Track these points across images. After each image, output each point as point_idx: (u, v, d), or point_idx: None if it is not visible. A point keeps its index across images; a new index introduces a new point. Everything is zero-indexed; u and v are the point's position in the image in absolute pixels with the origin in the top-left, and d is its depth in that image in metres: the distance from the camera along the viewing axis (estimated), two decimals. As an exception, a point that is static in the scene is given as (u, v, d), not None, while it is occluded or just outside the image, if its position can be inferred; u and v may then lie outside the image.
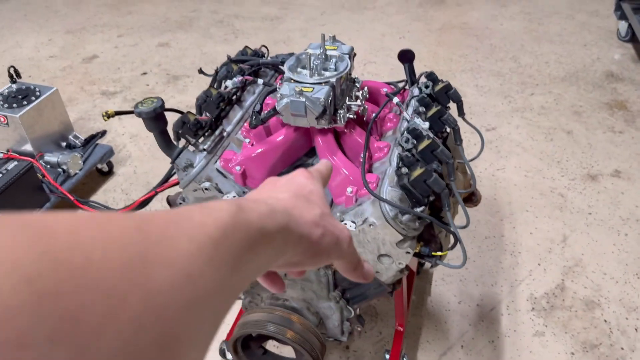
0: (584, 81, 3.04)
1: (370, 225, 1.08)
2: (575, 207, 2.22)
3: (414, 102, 1.27)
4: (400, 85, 1.42)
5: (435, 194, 1.07)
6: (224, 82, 1.38)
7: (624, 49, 3.34)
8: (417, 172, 1.04)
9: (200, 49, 3.54)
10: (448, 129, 1.26)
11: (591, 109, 2.81)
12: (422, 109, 1.23)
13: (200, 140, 1.24)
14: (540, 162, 2.46)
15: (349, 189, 1.13)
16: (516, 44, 3.45)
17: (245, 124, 1.31)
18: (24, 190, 2.05)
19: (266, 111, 1.20)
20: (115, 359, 0.23)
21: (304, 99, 1.11)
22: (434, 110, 1.22)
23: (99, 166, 2.46)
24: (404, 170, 1.06)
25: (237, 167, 1.20)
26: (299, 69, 1.22)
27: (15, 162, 2.06)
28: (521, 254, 2.03)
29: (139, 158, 2.61)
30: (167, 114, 1.28)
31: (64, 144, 2.41)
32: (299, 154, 1.30)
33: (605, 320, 1.77)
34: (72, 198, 2.06)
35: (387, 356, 1.56)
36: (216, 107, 1.30)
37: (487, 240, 2.08)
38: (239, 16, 3.96)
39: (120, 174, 2.52)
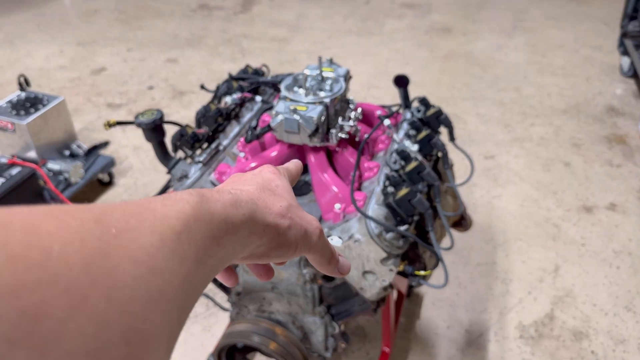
0: (584, 114, 3.07)
1: (355, 241, 1.11)
2: (568, 238, 2.23)
3: (405, 125, 1.30)
4: (394, 109, 1.46)
5: (420, 214, 1.10)
6: (224, 98, 1.42)
7: (626, 84, 3.38)
8: (403, 191, 1.07)
9: (207, 66, 3.61)
10: (439, 154, 1.29)
11: (590, 141, 2.83)
12: (412, 132, 1.27)
13: (197, 152, 1.28)
14: (536, 192, 2.48)
15: (337, 206, 1.16)
16: (519, 74, 3.49)
17: (242, 139, 1.35)
18: (25, 196, 2.08)
19: (262, 127, 1.24)
20: (79, 357, 0.22)
21: (297, 117, 1.14)
22: (423, 133, 1.25)
23: (100, 176, 2.50)
24: (390, 189, 1.09)
25: (230, 180, 1.23)
26: (295, 89, 1.26)
27: (19, 168, 2.10)
28: (512, 282, 2.03)
29: (140, 170, 2.64)
30: (167, 127, 1.32)
31: (67, 152, 2.45)
32: (292, 171, 1.33)
33: (592, 352, 1.77)
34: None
35: (372, 376, 1.56)
36: (214, 121, 1.34)
37: (479, 267, 2.09)
38: (248, 36, 4.04)
39: (120, 184, 2.56)
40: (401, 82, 1.45)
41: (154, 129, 1.17)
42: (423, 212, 1.07)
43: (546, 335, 1.83)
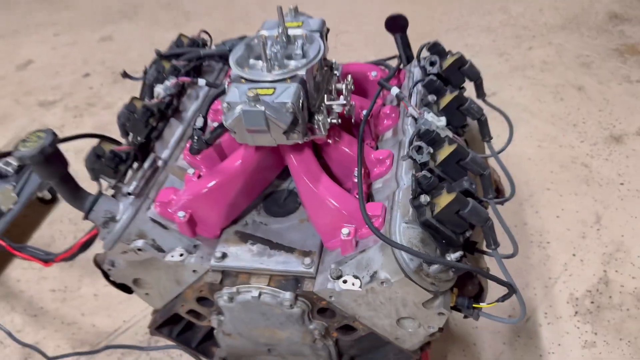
0: (585, 26, 2.69)
1: (382, 282, 0.73)
2: (603, 178, 1.89)
3: (418, 88, 0.91)
4: (393, 64, 1.06)
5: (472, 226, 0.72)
6: (155, 89, 1.00)
7: (623, -15, 2.98)
8: (444, 199, 0.69)
9: (147, 39, 3.12)
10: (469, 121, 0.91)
11: (600, 58, 2.46)
12: (431, 97, 0.87)
13: (125, 178, 0.88)
14: (553, 127, 2.12)
15: (345, 231, 0.78)
16: (502, -8, 3.07)
17: (188, 145, 0.94)
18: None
19: (212, 129, 0.84)
20: None
21: (262, 107, 0.74)
22: (448, 97, 0.85)
23: (40, 195, 2.07)
24: (424, 199, 0.70)
25: (181, 213, 0.84)
26: (251, 62, 0.85)
27: None
28: (551, 245, 1.70)
29: (87, 179, 2.21)
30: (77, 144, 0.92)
31: (-8, 173, 2.01)
32: (269, 179, 0.94)
33: (667, 318, 1.46)
34: (4, 244, 1.68)
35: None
36: (144, 125, 0.93)
37: (507, 232, 1.75)
38: (189, -4, 3.53)
39: (66, 199, 2.13)
40: (396, 25, 1.04)
41: (47, 161, 0.76)
42: (481, 225, 0.70)
43: (605, 306, 1.52)
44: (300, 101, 0.76)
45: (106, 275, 0.97)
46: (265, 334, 0.86)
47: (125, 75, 1.17)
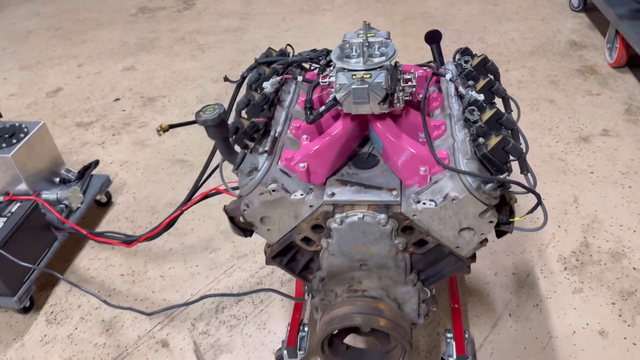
0: (551, 52, 3.18)
1: (452, 199, 1.09)
2: (577, 169, 2.31)
3: (459, 79, 1.29)
4: (429, 67, 1.44)
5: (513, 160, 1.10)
6: (261, 85, 1.35)
7: (578, 19, 3.52)
8: (494, 140, 1.06)
9: (168, 67, 3.47)
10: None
11: (565, 76, 2.94)
12: (470, 82, 1.26)
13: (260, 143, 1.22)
14: (532, 131, 2.55)
15: (422, 169, 1.14)
16: (478, 26, 3.56)
17: (294, 122, 1.30)
18: (32, 231, 1.94)
19: (324, 105, 1.19)
20: None
21: (366, 85, 1.11)
22: (482, 82, 1.24)
23: (98, 197, 2.37)
24: (481, 140, 1.08)
25: (302, 165, 1.18)
26: (345, 59, 1.22)
27: (19, 203, 1.95)
28: (540, 220, 2.08)
29: (135, 184, 2.52)
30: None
31: (57, 179, 2.29)
32: (354, 145, 1.30)
33: (635, 268, 1.86)
34: (84, 232, 1.97)
35: (450, 335, 1.57)
36: (260, 110, 1.28)
37: (504, 212, 2.13)
38: (200, 32, 3.91)
39: (119, 202, 2.43)
40: (433, 38, 1.43)
41: (219, 125, 1.10)
42: (518, 157, 1.07)
43: (587, 262, 1.90)
44: (389, 82, 1.13)
45: (231, 220, 1.29)
46: (362, 250, 1.20)
47: (226, 79, 1.52)
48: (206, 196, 1.66)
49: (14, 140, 2.10)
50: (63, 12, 4.53)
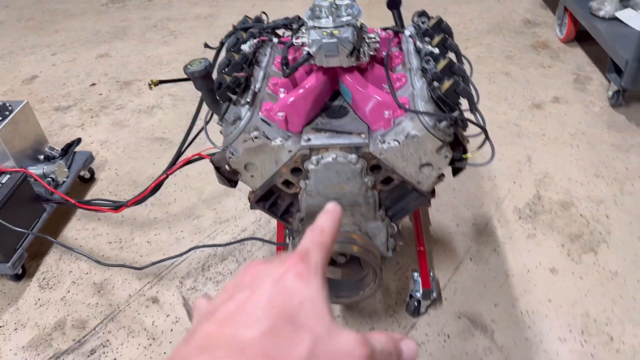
0: (507, 30, 3.39)
1: (413, 137, 1.26)
2: (530, 132, 2.51)
3: (417, 37, 1.46)
4: (392, 29, 1.61)
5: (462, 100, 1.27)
6: (240, 48, 1.49)
7: None
8: (447, 83, 1.23)
9: (142, 53, 3.56)
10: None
11: (520, 52, 3.15)
12: (427, 39, 1.42)
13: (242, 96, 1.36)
14: (490, 101, 2.75)
15: (387, 112, 1.30)
16: (439, 8, 3.76)
17: (271, 80, 1.44)
18: (21, 202, 2.04)
19: (297, 60, 1.34)
20: None
21: (335, 40, 1.26)
22: (437, 38, 1.41)
23: (81, 173, 2.46)
24: (436, 84, 1.24)
25: (280, 114, 1.33)
26: (315, 19, 1.37)
27: (8, 175, 2.05)
28: (497, 177, 2.28)
29: (116, 162, 2.63)
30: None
31: (41, 157, 2.39)
32: (326, 98, 1.45)
33: (581, 215, 2.06)
34: (73, 201, 2.08)
35: (416, 274, 1.74)
36: (240, 68, 1.42)
37: (465, 172, 2.32)
38: (172, 19, 4.00)
39: (102, 178, 2.53)
40: (394, 3, 1.60)
41: (205, 76, 1.24)
42: (468, 97, 1.24)
43: (540, 212, 2.10)
44: (355, 37, 1.29)
45: (217, 170, 1.43)
46: (336, 189, 1.35)
47: (206, 45, 1.65)
48: (190, 161, 1.79)
49: (0, 118, 2.19)
50: (32, 3, 4.55)
